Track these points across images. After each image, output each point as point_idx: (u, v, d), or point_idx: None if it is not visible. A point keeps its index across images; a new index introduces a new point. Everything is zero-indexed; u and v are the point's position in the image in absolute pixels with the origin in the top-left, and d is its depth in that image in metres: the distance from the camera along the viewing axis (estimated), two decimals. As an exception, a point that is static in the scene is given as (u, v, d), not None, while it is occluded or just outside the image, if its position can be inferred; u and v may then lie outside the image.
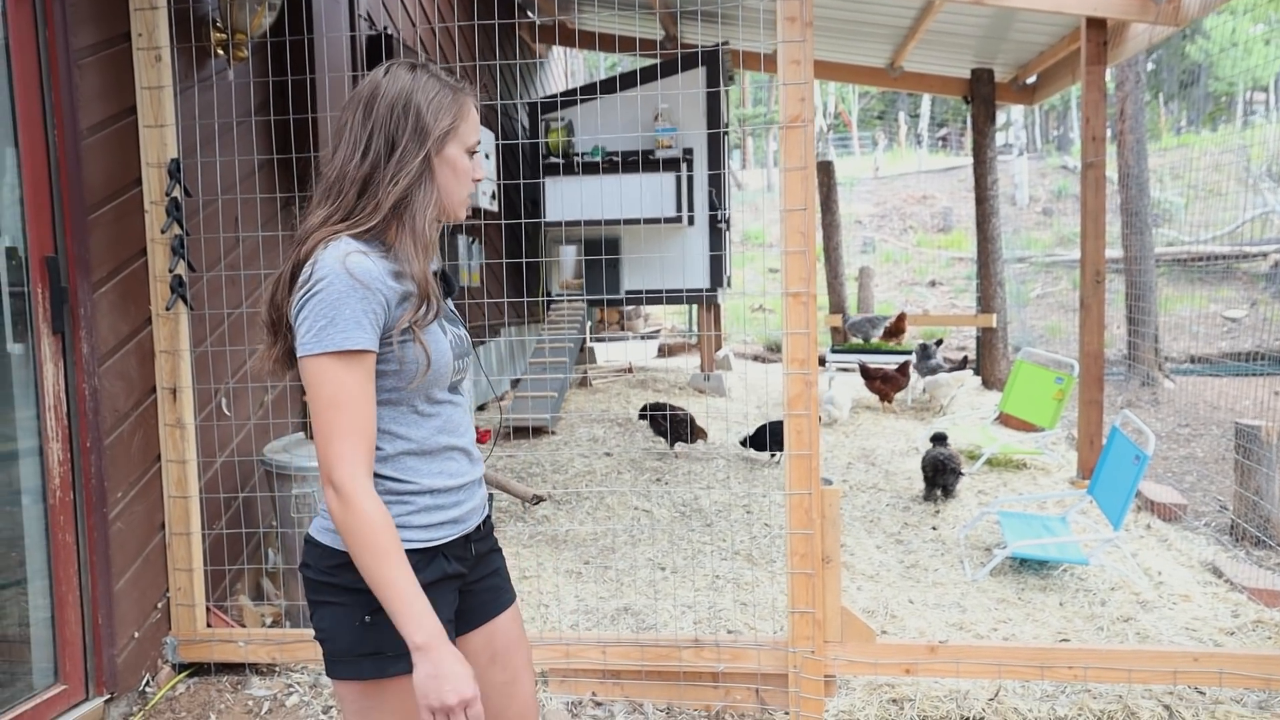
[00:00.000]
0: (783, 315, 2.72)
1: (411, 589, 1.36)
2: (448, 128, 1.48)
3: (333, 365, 1.36)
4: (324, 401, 1.36)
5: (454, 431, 1.54)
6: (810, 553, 2.71)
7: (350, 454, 1.36)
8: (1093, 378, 5.10)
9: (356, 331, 1.36)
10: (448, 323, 1.55)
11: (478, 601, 1.64)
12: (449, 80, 1.52)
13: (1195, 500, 5.01)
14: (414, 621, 1.34)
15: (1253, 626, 3.30)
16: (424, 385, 1.47)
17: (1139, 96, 7.85)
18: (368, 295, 1.37)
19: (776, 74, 7.44)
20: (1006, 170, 20.52)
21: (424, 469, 1.49)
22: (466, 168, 1.52)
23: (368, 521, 1.34)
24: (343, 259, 1.38)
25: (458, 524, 1.54)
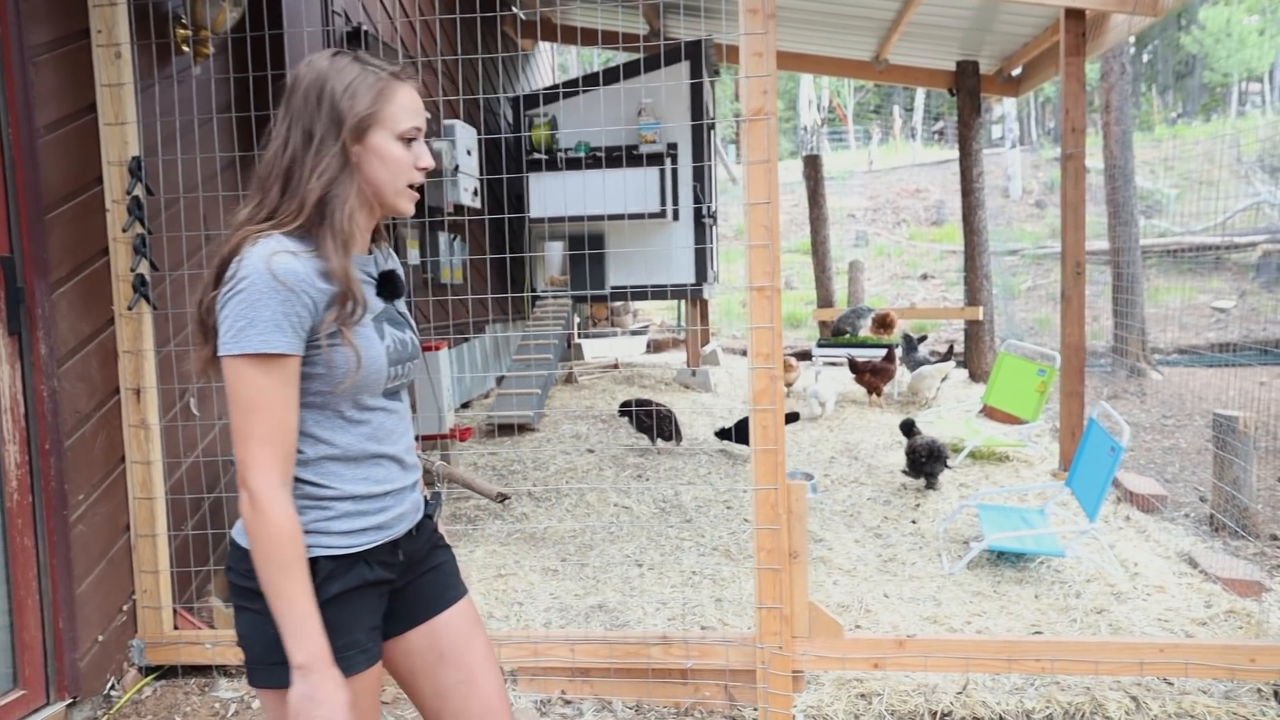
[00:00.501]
0: (748, 309, 2.70)
1: (304, 606, 1.34)
2: (364, 113, 1.41)
3: (250, 368, 1.33)
4: (241, 405, 1.34)
5: (384, 440, 1.50)
6: (777, 548, 2.70)
7: (265, 460, 1.33)
8: (1074, 370, 5.08)
9: (275, 335, 1.33)
10: (390, 326, 1.51)
11: (414, 599, 1.61)
12: (377, 65, 1.45)
13: (1176, 491, 5.00)
14: (299, 640, 1.33)
15: (1224, 617, 3.29)
16: (353, 390, 1.43)
17: (1124, 88, 7.83)
18: (290, 297, 1.33)
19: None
20: (999, 163, 20.51)
21: (347, 475, 1.46)
22: (399, 156, 1.45)
23: (274, 531, 1.33)
24: (267, 259, 1.34)
25: (382, 530, 1.50)
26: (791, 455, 5.77)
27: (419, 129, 1.47)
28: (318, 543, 1.42)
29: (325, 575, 1.42)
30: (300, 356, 1.37)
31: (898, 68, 7.95)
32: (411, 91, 1.47)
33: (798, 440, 6.14)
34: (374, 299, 1.49)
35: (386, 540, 1.50)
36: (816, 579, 3.79)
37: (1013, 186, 19.62)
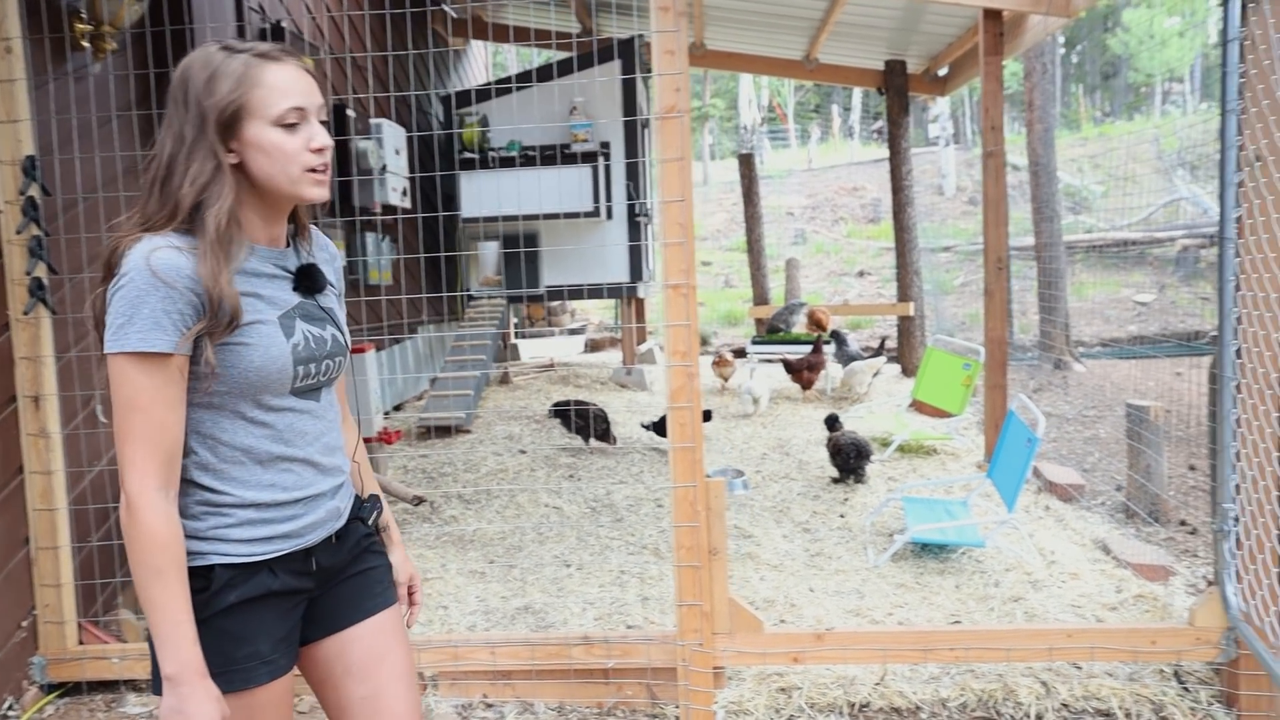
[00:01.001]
0: (663, 308, 2.70)
1: (175, 615, 1.29)
2: (226, 104, 1.33)
3: (129, 366, 1.28)
4: (120, 404, 1.29)
5: (293, 442, 1.43)
6: (697, 545, 2.70)
7: (141, 462, 1.29)
8: (997, 363, 5.20)
9: (154, 333, 1.27)
10: (306, 322, 1.44)
11: (330, 607, 1.53)
12: (244, 48, 1.36)
13: (1094, 481, 5.14)
14: (168, 649, 1.28)
15: (1134, 601, 3.39)
16: (250, 389, 1.37)
17: (1046, 87, 8.04)
18: (171, 294, 1.28)
19: (701, 67, 7.39)
20: (934, 161, 20.90)
21: (249, 480, 1.39)
22: (279, 144, 1.35)
23: (146, 536, 1.28)
24: (148, 254, 1.29)
25: (290, 539, 1.42)
26: (724, 452, 5.80)
27: (301, 109, 1.37)
28: (215, 550, 1.37)
29: (223, 583, 1.36)
30: (184, 355, 1.31)
31: (828, 67, 8.05)
32: (283, 70, 1.36)
33: (730, 437, 6.18)
34: (287, 294, 1.43)
35: (295, 549, 1.44)
36: (744, 575, 3.81)
37: (947, 184, 20.02)
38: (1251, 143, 2.19)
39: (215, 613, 1.36)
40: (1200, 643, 2.65)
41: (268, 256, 1.43)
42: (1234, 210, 2.26)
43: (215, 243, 1.32)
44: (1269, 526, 2.35)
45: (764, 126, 30.34)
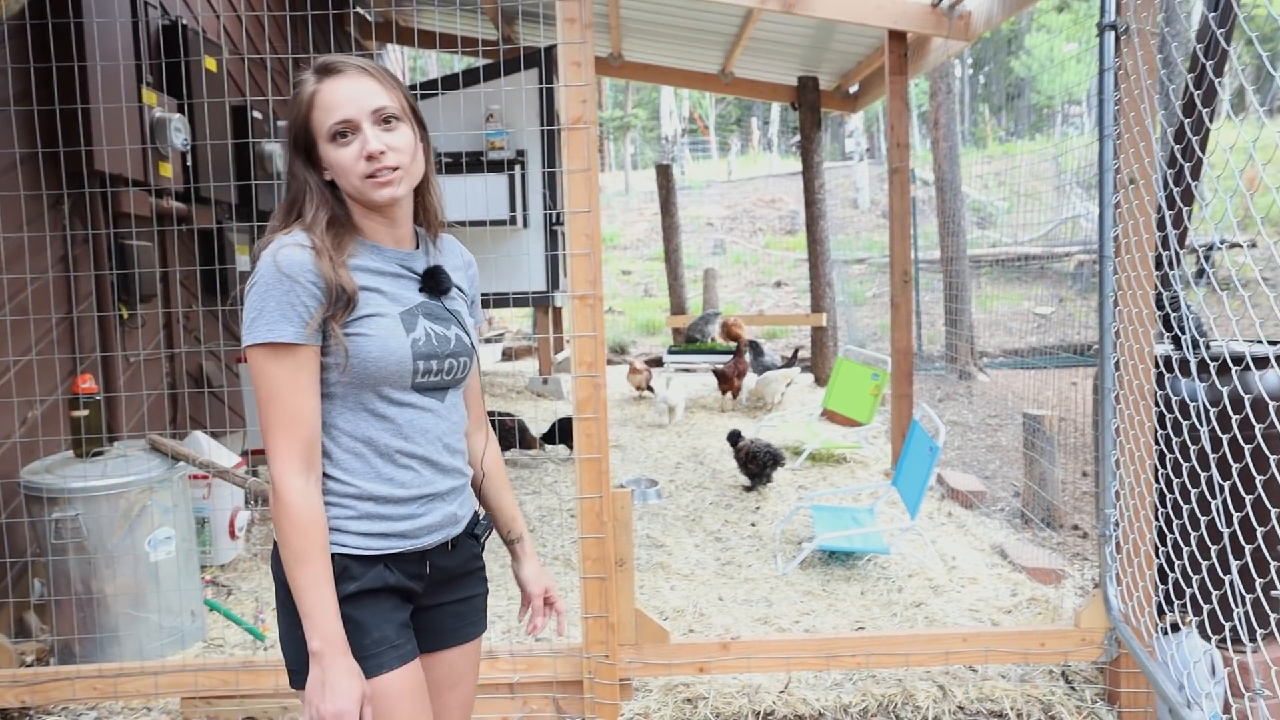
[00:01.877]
0: (570, 318, 2.70)
1: (319, 593, 1.34)
2: (299, 131, 1.43)
3: (263, 357, 1.36)
4: (260, 395, 1.37)
5: (412, 438, 1.46)
6: (603, 556, 2.70)
7: (284, 449, 1.35)
8: (903, 373, 5.34)
9: (281, 324, 1.34)
10: (429, 320, 1.48)
11: (432, 627, 1.55)
12: (315, 67, 1.44)
13: (994, 487, 5.33)
14: (313, 626, 1.33)
15: (1028, 604, 3.52)
16: (372, 381, 1.41)
17: (951, 106, 8.33)
18: (293, 287, 1.35)
19: (618, 78, 7.38)
20: (849, 175, 21.43)
21: (368, 472, 1.44)
22: (336, 159, 1.42)
23: (292, 519, 1.34)
24: (275, 252, 1.37)
25: (406, 539, 1.46)
26: (638, 461, 5.82)
27: (347, 120, 1.41)
28: (335, 540, 1.41)
29: (341, 571, 1.40)
30: (313, 346, 1.38)
31: (743, 81, 8.18)
32: (337, 84, 1.42)
33: (645, 446, 6.20)
34: (411, 293, 1.49)
35: (410, 549, 1.47)
36: (655, 585, 3.82)
37: (861, 198, 20.54)
38: (1126, 166, 2.31)
39: (343, 600, 1.39)
40: (1085, 643, 2.77)
41: (393, 257, 1.49)
42: (1112, 229, 2.38)
43: (322, 243, 1.41)
44: (1144, 531, 2.47)
45: (685, 137, 30.65)
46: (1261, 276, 7.20)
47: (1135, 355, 2.44)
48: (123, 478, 3.09)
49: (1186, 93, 2.28)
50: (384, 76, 1.45)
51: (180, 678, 2.75)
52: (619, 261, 18.44)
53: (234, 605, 3.62)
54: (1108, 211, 2.39)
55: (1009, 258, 14.48)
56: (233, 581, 3.86)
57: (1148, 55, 2.15)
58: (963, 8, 4.54)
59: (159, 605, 3.15)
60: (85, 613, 3.09)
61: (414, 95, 1.51)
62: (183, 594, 3.23)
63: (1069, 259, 13.46)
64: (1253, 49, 2.65)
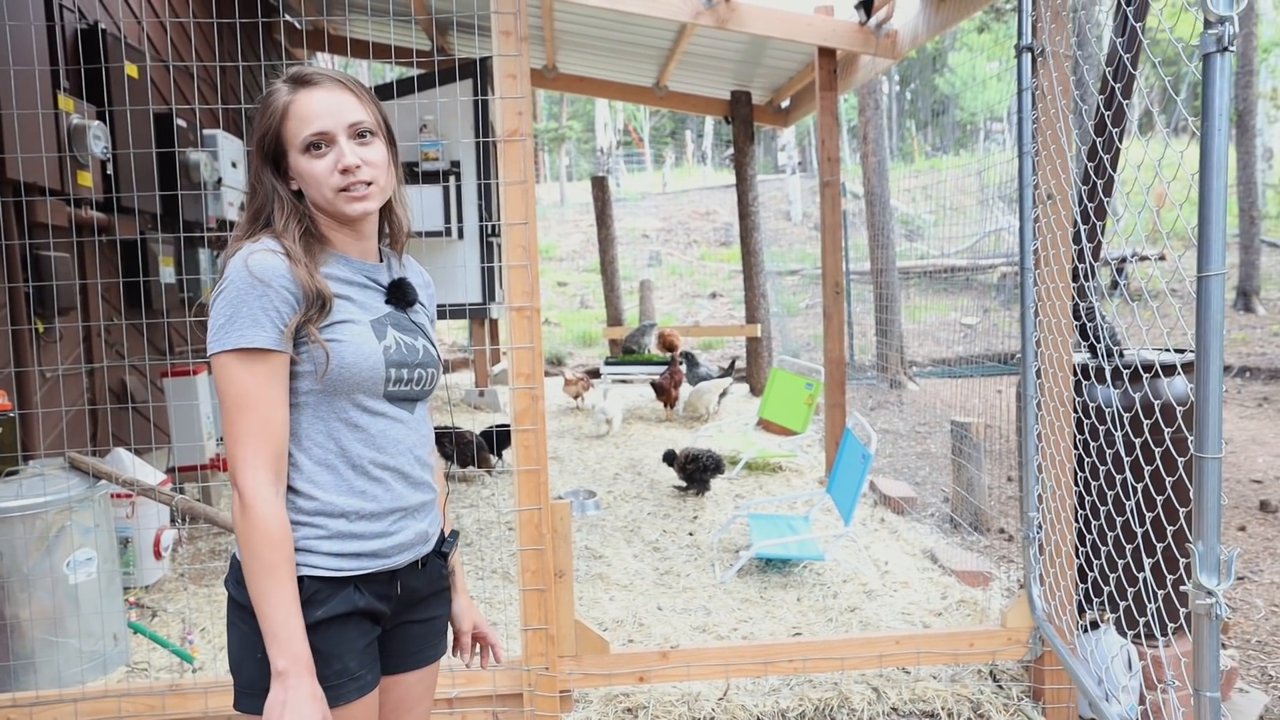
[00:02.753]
0: (508, 330, 2.69)
1: (286, 610, 1.30)
2: (267, 138, 1.41)
3: (233, 364, 1.31)
4: (228, 402, 1.32)
5: (385, 449, 1.43)
6: (542, 568, 2.69)
7: (254, 459, 1.30)
8: (836, 383, 5.45)
9: (254, 330, 1.31)
10: (397, 330, 1.47)
11: (395, 647, 1.51)
12: (286, 80, 1.42)
13: (924, 493, 5.47)
14: (281, 644, 1.29)
15: (957, 606, 3.62)
16: (346, 388, 1.38)
17: (879, 121, 8.55)
18: (267, 292, 1.32)
19: (553, 90, 7.36)
20: (782, 188, 21.80)
21: (340, 485, 1.40)
22: (308, 170, 1.40)
23: (263, 531, 1.29)
24: (246, 257, 1.34)
25: (378, 558, 1.42)
26: (576, 473, 5.81)
27: (323, 132, 1.40)
28: (305, 561, 1.36)
29: (309, 596, 1.36)
30: (285, 353, 1.34)
31: (677, 94, 8.27)
32: (312, 95, 1.40)
33: (583, 458, 6.20)
34: (378, 304, 1.47)
35: (382, 569, 1.43)
36: (594, 596, 3.82)
37: (794, 210, 20.91)
38: (1044, 182, 2.41)
39: (307, 627, 1.35)
40: (1012, 643, 2.86)
41: (360, 268, 1.47)
42: (1031, 243, 2.48)
43: (294, 249, 1.39)
44: (1065, 532, 2.57)
45: (620, 150, 30.79)
46: (1170, 288, 7.54)
47: (1055, 364, 2.54)
48: (39, 497, 2.97)
49: (1098, 112, 2.40)
50: (360, 90, 1.45)
51: (102, 704, 2.66)
52: (555, 273, 18.42)
53: (159, 627, 3.51)
54: (1027, 225, 2.49)
55: (936, 270, 14.90)
56: (158, 603, 3.74)
57: (1062, 76, 2.26)
58: (889, 26, 4.68)
59: (79, 629, 3.04)
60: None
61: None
62: (105, 617, 3.12)
63: (993, 271, 13.91)
64: (1158, 72, 2.80)
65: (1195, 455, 1.51)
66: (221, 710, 2.68)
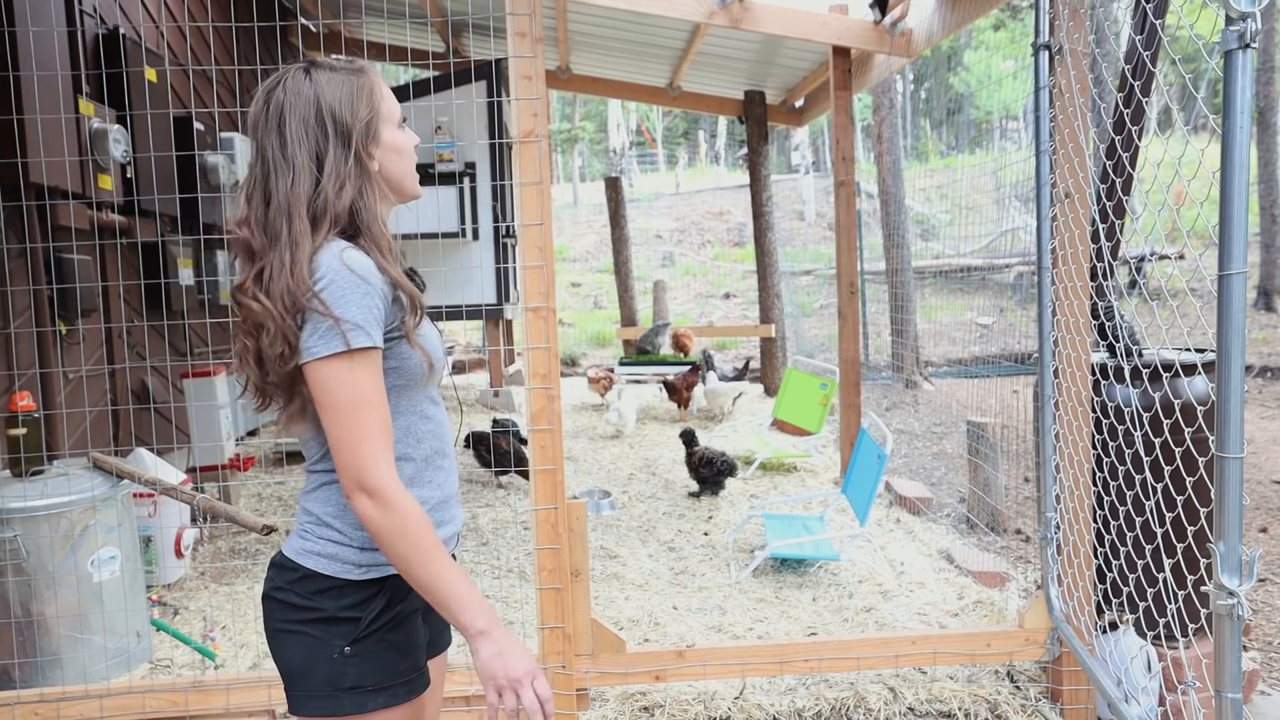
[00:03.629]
0: (523, 331, 2.71)
1: (462, 580, 1.33)
2: (369, 117, 1.41)
3: (345, 365, 1.30)
4: (344, 406, 1.29)
5: (444, 437, 1.48)
6: (559, 567, 2.70)
7: (383, 455, 1.30)
8: (851, 383, 5.44)
9: (363, 328, 1.30)
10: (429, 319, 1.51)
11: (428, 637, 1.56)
12: (344, 68, 1.43)
13: (940, 494, 5.45)
14: (470, 610, 1.31)
15: (974, 606, 3.61)
16: (421, 379, 1.42)
17: (894, 121, 8.52)
18: (369, 290, 1.32)
19: (566, 91, 7.38)
20: (796, 188, 21.75)
21: (417, 478, 1.43)
22: (406, 142, 1.47)
23: (412, 520, 1.29)
24: (339, 254, 1.33)
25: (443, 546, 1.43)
26: (591, 473, 5.82)
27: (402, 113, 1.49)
28: (379, 561, 1.39)
29: (391, 594, 1.40)
30: (381, 349, 1.34)
31: (691, 94, 8.27)
32: (379, 78, 1.47)
33: (598, 458, 6.21)
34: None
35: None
36: (609, 595, 3.83)
37: (808, 210, 20.86)
38: (1061, 181, 2.41)
39: (383, 625, 1.39)
40: (1029, 643, 2.85)
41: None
42: (1049, 242, 2.47)
43: (382, 241, 1.39)
44: (1083, 533, 2.56)
45: (633, 150, 30.81)
46: (1189, 287, 7.47)
47: (1073, 363, 2.53)
48: (64, 497, 3.01)
49: (1116, 110, 2.39)
50: None
51: (127, 700, 2.69)
52: (569, 274, 18.45)
53: (181, 624, 3.54)
54: (1045, 224, 2.48)
55: (952, 269, 14.83)
56: (180, 600, 3.77)
57: (1080, 74, 2.25)
58: (904, 25, 4.67)
59: (103, 627, 3.07)
60: (25, 636, 3.00)
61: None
62: (128, 614, 3.16)
63: (1009, 270, 13.83)
64: (1177, 69, 2.76)
65: (1217, 455, 1.50)
66: (243, 706, 2.70)
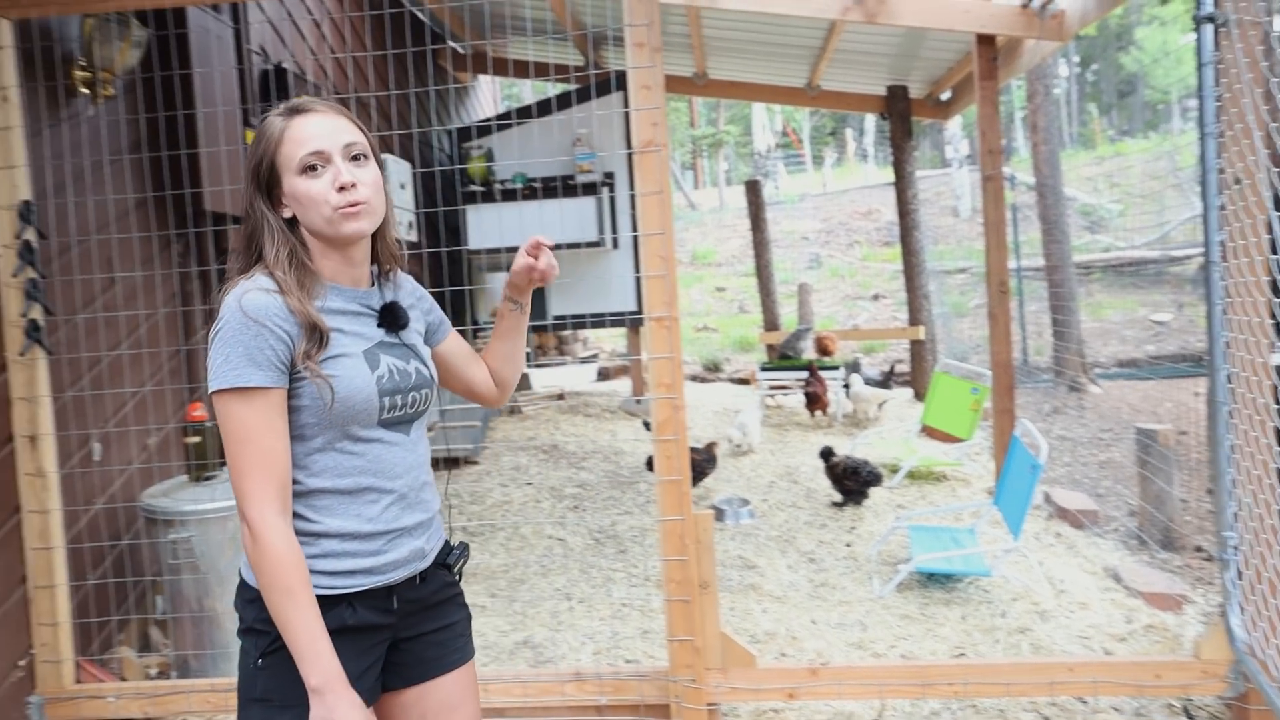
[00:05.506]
0: (648, 339, 2.70)
1: (312, 629, 1.35)
2: (262, 163, 1.45)
3: (234, 402, 1.36)
4: (231, 439, 1.37)
5: (381, 473, 1.47)
6: (686, 579, 2.67)
7: (259, 490, 1.35)
8: (1004, 387, 5.13)
9: (249, 368, 1.36)
10: (390, 356, 1.50)
11: (413, 658, 1.57)
12: (282, 109, 1.48)
13: (1107, 506, 5.05)
14: (311, 663, 1.34)
15: (1144, 632, 3.31)
16: (340, 421, 1.43)
17: (1050, 108, 8.01)
18: (261, 331, 1.36)
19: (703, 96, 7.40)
20: (949, 183, 20.84)
21: (338, 509, 1.44)
22: (305, 191, 1.43)
23: (274, 558, 1.34)
24: (239, 297, 1.39)
25: (372, 574, 1.46)
26: (731, 480, 5.76)
27: (319, 152, 1.43)
28: None
29: None
30: (282, 388, 1.39)
31: (830, 93, 8.06)
32: (308, 120, 1.45)
33: (737, 465, 6.13)
34: (370, 330, 1.51)
35: (377, 585, 1.47)
36: (746, 607, 3.77)
37: (961, 205, 19.93)
38: (1230, 166, 2.17)
39: None
40: (1207, 676, 2.58)
41: (352, 296, 1.51)
42: (1218, 234, 2.23)
43: (286, 283, 1.42)
44: (1266, 555, 2.29)
45: (779, 151, 30.44)
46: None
47: (1249, 367, 2.28)
48: (230, 500, 3.24)
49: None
50: (352, 116, 1.50)
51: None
52: (713, 278, 18.40)
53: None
54: (1212, 214, 2.24)
55: (1122, 262, 13.79)
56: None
57: (1248, 49, 2.02)
58: (1054, 7, 4.37)
59: (264, 623, 3.28)
60: (200, 629, 3.25)
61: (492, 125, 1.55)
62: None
63: (1189, 262, 12.72)
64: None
65: None
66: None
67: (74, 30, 3.23)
